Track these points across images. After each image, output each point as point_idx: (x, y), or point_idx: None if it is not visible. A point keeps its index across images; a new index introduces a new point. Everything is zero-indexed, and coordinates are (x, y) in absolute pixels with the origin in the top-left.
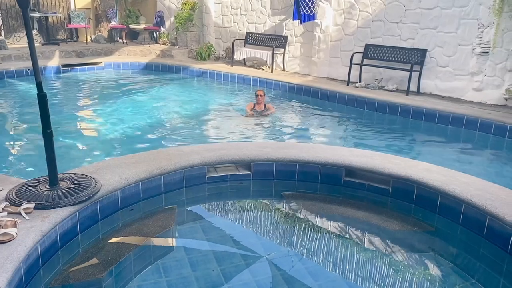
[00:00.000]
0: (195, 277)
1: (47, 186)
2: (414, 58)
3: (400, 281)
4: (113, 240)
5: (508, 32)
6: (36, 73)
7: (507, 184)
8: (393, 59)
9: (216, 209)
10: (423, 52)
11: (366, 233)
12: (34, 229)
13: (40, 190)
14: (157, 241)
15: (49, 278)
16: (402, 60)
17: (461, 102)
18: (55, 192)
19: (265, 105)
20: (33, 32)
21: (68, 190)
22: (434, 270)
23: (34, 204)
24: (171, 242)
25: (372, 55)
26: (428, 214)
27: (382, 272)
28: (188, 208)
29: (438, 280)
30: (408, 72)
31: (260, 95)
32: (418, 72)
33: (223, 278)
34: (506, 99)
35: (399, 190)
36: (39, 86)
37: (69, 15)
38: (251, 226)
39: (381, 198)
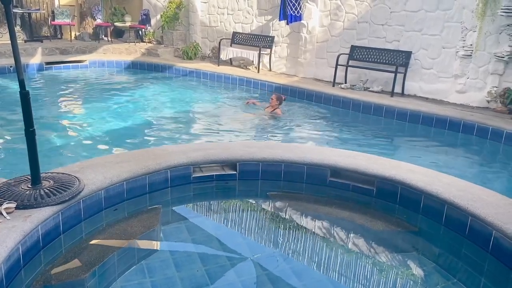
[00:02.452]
0: (180, 278)
1: (29, 186)
2: (399, 60)
3: (384, 280)
4: (97, 240)
5: (490, 36)
6: (19, 71)
7: (488, 185)
8: (378, 60)
9: (202, 209)
10: (408, 54)
11: (351, 233)
12: (15, 229)
13: (22, 190)
14: (141, 242)
15: (30, 279)
16: (387, 61)
17: (444, 104)
18: (38, 191)
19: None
20: (15, 28)
21: (51, 189)
22: (417, 270)
23: (16, 204)
24: (156, 242)
25: (358, 56)
26: (412, 215)
27: (366, 272)
28: (173, 208)
29: (421, 280)
30: (393, 74)
31: (272, 99)
32: (403, 74)
33: (208, 278)
34: (488, 102)
35: (383, 190)
36: (22, 83)
37: (53, 12)
38: (236, 226)
39: (365, 199)
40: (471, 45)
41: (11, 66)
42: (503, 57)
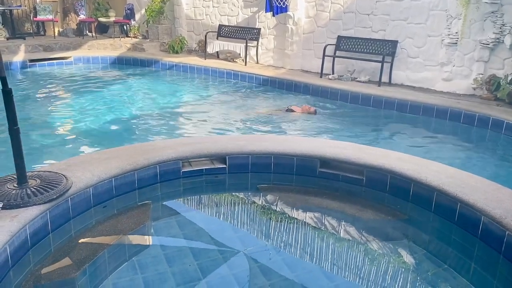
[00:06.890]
0: (172, 273)
1: (15, 185)
2: (386, 50)
3: (375, 269)
4: (86, 238)
5: (475, 23)
6: (1, 68)
7: (476, 171)
8: (365, 50)
9: (192, 204)
10: (394, 43)
11: (342, 223)
12: (2, 229)
13: (8, 189)
14: (132, 238)
15: (19, 279)
16: (373, 51)
17: (431, 92)
18: (24, 190)
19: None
20: None
21: (38, 188)
22: (408, 257)
23: (2, 204)
24: (146, 238)
25: (345, 47)
26: (402, 203)
27: (358, 261)
28: (163, 204)
29: (412, 267)
30: (380, 64)
31: (307, 107)
32: (390, 63)
33: (200, 273)
34: (474, 89)
35: (372, 179)
36: (4, 81)
37: (35, 8)
38: (227, 220)
39: (355, 188)
40: (456, 33)
41: None
42: (488, 44)
